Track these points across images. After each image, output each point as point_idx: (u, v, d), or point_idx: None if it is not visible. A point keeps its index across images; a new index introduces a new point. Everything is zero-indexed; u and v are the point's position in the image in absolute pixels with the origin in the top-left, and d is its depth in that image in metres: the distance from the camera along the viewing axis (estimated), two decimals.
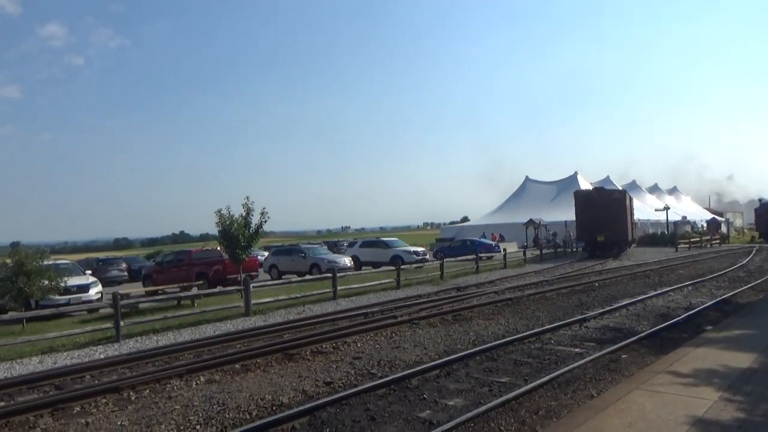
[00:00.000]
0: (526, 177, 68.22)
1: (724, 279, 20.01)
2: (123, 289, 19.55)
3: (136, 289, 22.90)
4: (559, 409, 6.34)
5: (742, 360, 7.29)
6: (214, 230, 21.02)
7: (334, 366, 8.85)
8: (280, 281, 22.82)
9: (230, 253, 20.30)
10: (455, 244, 39.78)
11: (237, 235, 19.60)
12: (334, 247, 45.98)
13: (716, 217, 67.59)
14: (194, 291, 19.20)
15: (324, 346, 10.26)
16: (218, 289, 19.47)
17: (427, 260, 29.72)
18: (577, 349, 9.37)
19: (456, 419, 5.92)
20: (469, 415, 6.03)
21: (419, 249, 32.09)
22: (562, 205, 51.61)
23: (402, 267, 21.89)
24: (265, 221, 20.43)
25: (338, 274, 19.03)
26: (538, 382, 7.20)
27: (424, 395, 7.04)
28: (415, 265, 26.14)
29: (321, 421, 6.26)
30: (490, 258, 32.16)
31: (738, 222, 78.45)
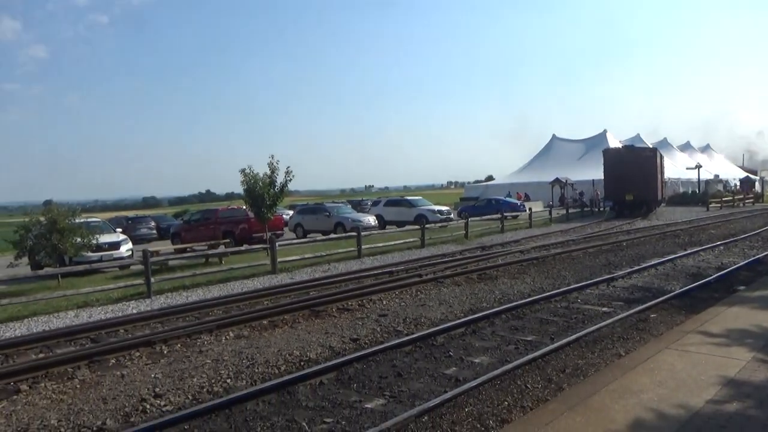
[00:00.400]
0: (553, 135, 66.87)
1: (757, 239, 19.51)
2: (152, 247, 19.93)
3: (165, 246, 23.35)
4: (587, 367, 6.32)
5: None
6: (239, 189, 21.20)
7: (360, 323, 8.94)
8: (306, 240, 23.01)
9: (255, 212, 20.49)
10: (480, 203, 39.46)
11: (262, 193, 19.73)
12: (358, 206, 46.07)
13: (750, 175, 65.68)
14: (221, 249, 19.49)
15: (350, 303, 10.36)
16: (244, 247, 19.72)
17: (451, 219, 29.60)
18: (605, 309, 9.29)
19: (482, 377, 5.94)
20: (496, 372, 6.05)
21: (443, 208, 31.95)
22: (589, 164, 50.64)
23: (426, 226, 21.83)
24: (290, 180, 20.49)
25: (362, 233, 19.09)
26: (565, 340, 7.17)
27: (450, 353, 7.07)
28: (440, 225, 26.06)
29: (348, 376, 6.35)
30: (515, 217, 31.84)
31: None
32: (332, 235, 23.16)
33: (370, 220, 27.96)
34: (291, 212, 35.95)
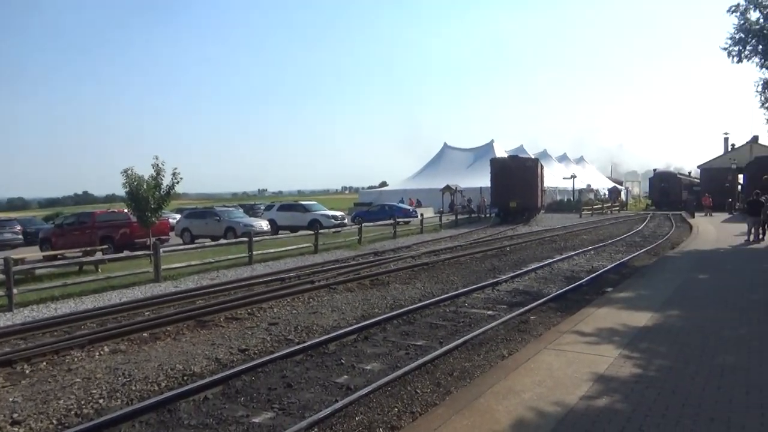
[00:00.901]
0: (445, 143, 69.43)
1: (622, 244, 21.45)
2: (17, 254, 18.03)
3: (33, 253, 21.20)
4: (473, 370, 6.53)
5: (639, 319, 7.82)
6: (121, 191, 19.77)
7: (250, 333, 8.63)
8: (193, 245, 21.94)
9: (139, 216, 19.20)
10: (373, 208, 39.95)
11: (146, 196, 18.54)
12: (251, 211, 44.79)
13: (617, 185, 72.27)
14: (98, 256, 18.04)
15: (239, 312, 9.98)
16: (125, 253, 18.41)
17: (345, 225, 29.68)
18: (490, 312, 9.70)
19: (373, 384, 5.94)
20: (387, 379, 6.07)
21: (338, 213, 31.96)
22: (478, 172, 53.07)
23: (320, 231, 21.69)
24: (177, 182, 19.44)
25: (254, 238, 18.56)
26: (453, 344, 7.38)
27: (342, 360, 7.01)
28: (334, 230, 26.01)
29: (235, 390, 6.08)
30: (407, 223, 32.59)
31: (635, 190, 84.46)
32: (222, 241, 22.28)
33: (263, 224, 27.29)
34: (178, 216, 34.16)
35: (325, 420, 5.12)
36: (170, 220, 29.93)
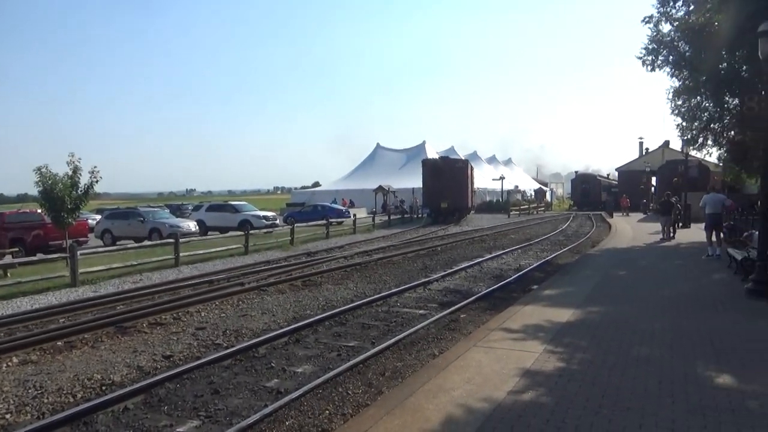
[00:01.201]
0: (377, 144, 69.81)
1: (547, 243, 22.31)
2: None
3: None
4: (405, 369, 6.56)
5: (562, 315, 8.13)
6: (33, 190, 18.53)
7: (175, 338, 8.29)
8: (115, 247, 20.89)
9: (54, 217, 18.05)
10: (306, 209, 39.61)
11: (62, 196, 17.45)
12: (178, 211, 43.23)
13: (542, 186, 75.20)
14: (7, 259, 16.82)
15: (163, 317, 9.57)
16: (38, 256, 17.29)
17: (277, 225, 29.22)
18: (421, 311, 9.81)
19: (304, 387, 5.84)
20: (318, 381, 5.99)
21: (269, 214, 31.44)
22: (410, 173, 53.72)
23: (251, 232, 21.24)
24: (97, 181, 18.44)
25: (181, 240, 17.91)
26: (385, 344, 7.39)
27: (272, 364, 6.87)
28: (265, 230, 25.54)
29: (158, 398, 5.81)
30: (340, 223, 32.50)
31: (559, 191, 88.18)
32: (147, 243, 21.37)
33: (191, 225, 26.39)
34: (98, 217, 32.46)
35: (254, 426, 4.98)
36: (89, 221, 28.44)
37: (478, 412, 4.64)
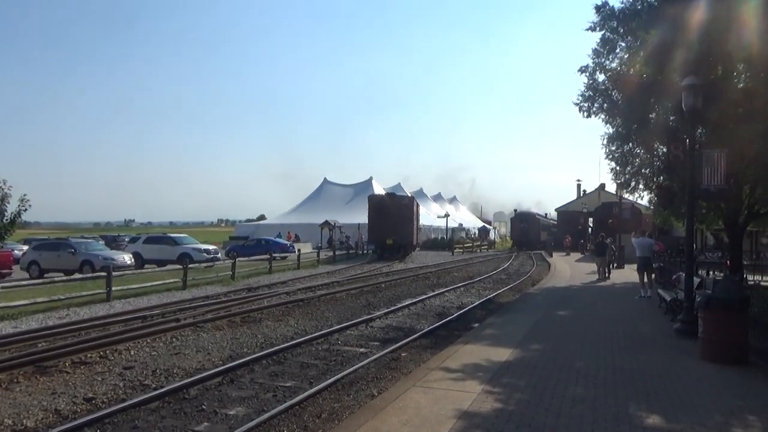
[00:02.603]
0: (324, 179, 69.75)
1: (489, 281, 22.65)
2: None
3: None
4: (342, 411, 6.39)
5: (502, 354, 8.18)
6: None
7: (100, 378, 7.80)
8: (41, 280, 19.73)
9: None
10: (249, 242, 38.86)
11: None
12: (114, 243, 41.64)
13: (486, 225, 76.83)
14: None
15: (89, 355, 9.01)
16: None
17: (218, 259, 28.46)
18: (362, 349, 9.65)
19: (235, 431, 5.58)
20: (250, 425, 5.74)
21: (210, 247, 30.63)
22: (357, 208, 53.79)
23: (190, 266, 20.55)
24: (25, 210, 17.49)
25: (115, 273, 17.12)
26: (323, 384, 7.20)
27: (203, 406, 6.54)
28: (205, 264, 24.78)
29: None
30: (284, 258, 32.01)
31: (503, 230, 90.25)
32: (77, 275, 20.30)
33: (126, 258, 25.31)
34: (26, 248, 30.69)
35: None
36: (15, 252, 26.85)
37: None
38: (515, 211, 67.07)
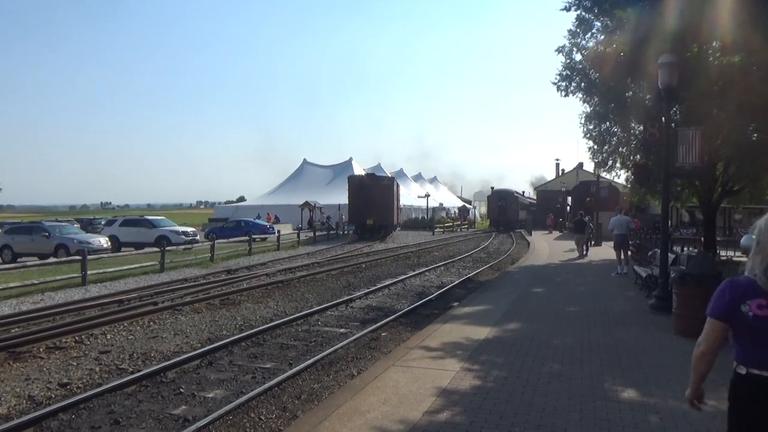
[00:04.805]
0: (304, 160, 69.17)
1: (469, 260, 22.80)
2: None
3: None
4: (321, 391, 6.39)
5: (480, 332, 8.24)
6: None
7: (75, 363, 7.69)
8: (14, 265, 19.35)
9: None
10: (229, 224, 38.51)
11: None
12: (89, 226, 41.01)
13: (466, 204, 77.12)
14: None
15: (64, 340, 8.87)
16: None
17: (197, 241, 28.18)
18: (342, 330, 9.66)
19: (214, 413, 5.55)
20: (229, 407, 5.71)
21: (189, 229, 30.27)
22: (337, 189, 53.52)
23: (168, 248, 20.32)
24: None
25: (91, 257, 16.84)
26: (302, 365, 7.19)
27: (181, 389, 6.49)
28: (184, 247, 24.55)
29: (50, 431, 5.32)
30: (264, 240, 31.81)
31: (483, 209, 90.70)
32: (52, 259, 19.94)
33: (102, 241, 24.90)
34: None
35: None
36: None
37: None
38: (492, 188, 61.71)
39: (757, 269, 2.32)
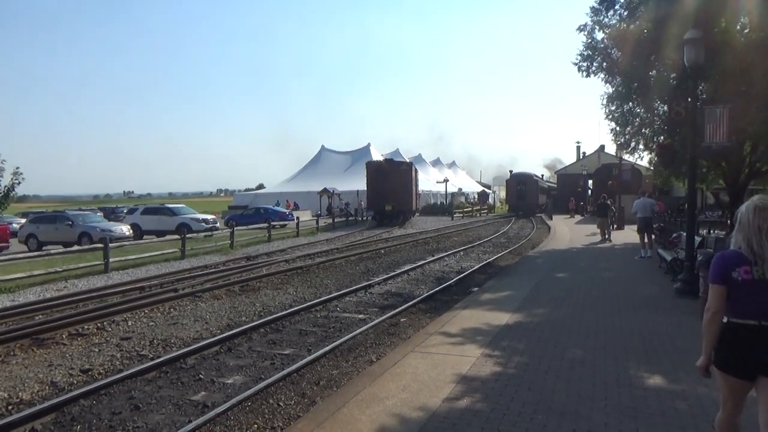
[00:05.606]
0: (322, 146, 69.26)
1: (489, 245, 22.59)
2: None
3: None
4: (340, 377, 6.35)
5: (501, 318, 8.12)
6: None
7: (97, 350, 7.76)
8: (39, 253, 19.65)
9: None
10: (248, 212, 38.75)
11: None
12: (112, 215, 41.60)
13: (485, 189, 76.52)
14: None
15: (86, 327, 8.96)
16: None
17: (217, 228, 28.38)
18: (361, 315, 9.61)
19: (232, 399, 5.53)
20: (248, 393, 5.69)
21: (209, 217, 30.55)
22: (355, 175, 53.49)
23: (189, 236, 20.48)
24: (18, 183, 17.38)
25: (113, 244, 17.05)
26: (321, 351, 7.15)
27: (201, 375, 6.50)
28: (204, 234, 24.74)
29: (71, 417, 5.36)
30: (283, 226, 31.94)
31: (502, 194, 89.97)
32: (75, 247, 20.24)
33: (124, 229, 25.23)
34: (23, 221, 30.59)
35: None
36: (11, 225, 26.77)
37: (412, 422, 4.48)
38: (511, 172, 59.62)
39: (742, 244, 2.96)
